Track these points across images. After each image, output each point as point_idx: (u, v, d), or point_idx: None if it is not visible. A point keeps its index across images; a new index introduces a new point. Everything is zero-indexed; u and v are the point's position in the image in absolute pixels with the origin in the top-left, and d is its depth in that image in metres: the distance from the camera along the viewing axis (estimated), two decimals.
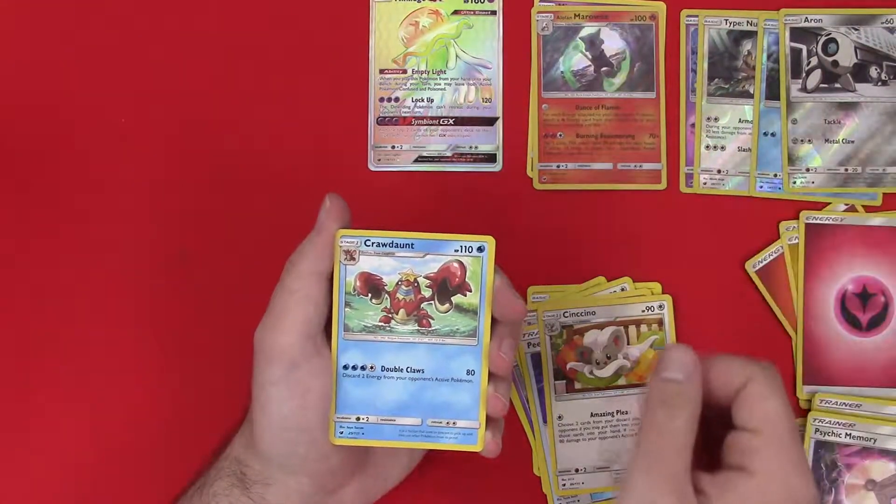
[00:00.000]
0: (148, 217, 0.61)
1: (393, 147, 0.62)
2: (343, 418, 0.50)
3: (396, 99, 0.62)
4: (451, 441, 0.50)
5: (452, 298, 0.49)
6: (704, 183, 0.62)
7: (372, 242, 0.49)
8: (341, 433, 0.50)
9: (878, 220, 0.60)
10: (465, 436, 0.50)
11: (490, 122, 0.62)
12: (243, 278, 0.60)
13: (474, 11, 0.63)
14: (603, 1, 0.62)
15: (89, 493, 0.59)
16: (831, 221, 0.60)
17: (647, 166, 0.62)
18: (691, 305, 0.60)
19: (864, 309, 0.60)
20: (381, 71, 0.62)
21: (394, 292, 0.49)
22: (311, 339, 0.49)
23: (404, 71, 0.62)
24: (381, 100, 0.62)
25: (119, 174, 0.61)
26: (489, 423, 0.50)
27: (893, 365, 0.60)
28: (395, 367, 0.49)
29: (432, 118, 0.62)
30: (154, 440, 0.59)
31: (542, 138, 0.62)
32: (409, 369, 0.49)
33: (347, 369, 0.49)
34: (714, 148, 0.62)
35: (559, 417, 0.59)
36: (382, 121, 0.62)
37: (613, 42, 0.62)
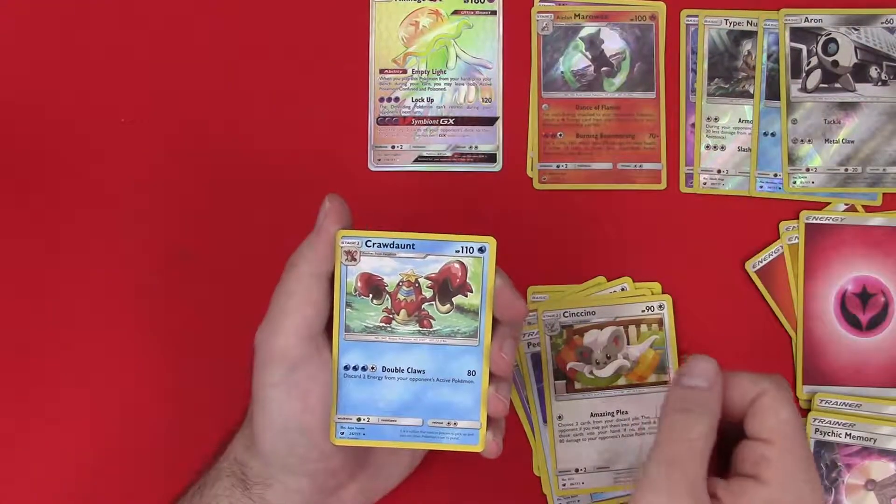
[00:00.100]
0: (148, 217, 0.61)
1: (393, 147, 0.62)
2: (344, 419, 0.50)
3: (396, 99, 0.62)
4: (452, 441, 0.50)
5: (453, 299, 0.49)
6: (704, 183, 0.62)
7: (373, 243, 0.49)
8: (342, 434, 0.50)
9: (878, 220, 0.60)
10: (466, 436, 0.50)
11: (490, 122, 0.62)
12: (243, 278, 0.60)
13: (474, 11, 0.62)
14: (603, 1, 0.62)
15: (89, 492, 0.59)
16: (831, 221, 0.60)
17: (647, 166, 0.62)
18: (691, 305, 0.60)
19: (864, 309, 0.60)
20: (381, 71, 0.62)
21: (395, 293, 0.49)
22: (312, 341, 0.49)
23: (404, 71, 0.62)
24: (381, 100, 0.62)
25: (119, 174, 0.61)
26: (490, 423, 0.50)
27: (893, 365, 0.60)
28: (396, 367, 0.49)
29: (432, 118, 0.62)
30: (154, 440, 0.59)
31: (542, 138, 0.62)
32: (410, 370, 0.49)
33: (348, 370, 0.49)
34: (714, 148, 0.62)
35: (559, 417, 0.59)
36: (382, 121, 0.62)
37: (613, 42, 0.62)
